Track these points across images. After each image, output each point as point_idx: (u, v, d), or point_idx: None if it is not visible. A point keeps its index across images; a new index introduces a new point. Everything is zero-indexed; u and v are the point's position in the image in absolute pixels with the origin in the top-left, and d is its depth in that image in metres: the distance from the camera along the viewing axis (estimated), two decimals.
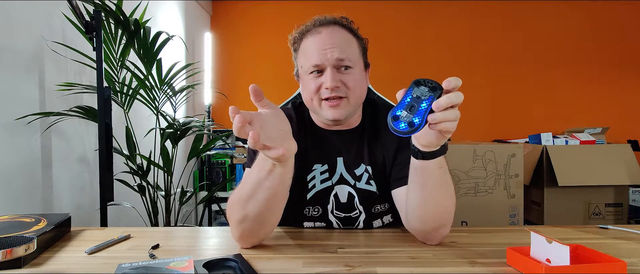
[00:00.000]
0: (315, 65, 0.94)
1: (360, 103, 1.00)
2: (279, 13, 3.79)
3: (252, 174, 0.80)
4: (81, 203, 1.77)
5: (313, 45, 0.95)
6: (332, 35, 0.95)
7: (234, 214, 0.83)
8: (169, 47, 1.91)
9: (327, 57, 0.92)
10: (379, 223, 1.03)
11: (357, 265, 0.75)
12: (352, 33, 0.99)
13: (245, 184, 0.82)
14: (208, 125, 2.15)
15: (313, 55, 0.94)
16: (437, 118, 0.65)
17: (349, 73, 0.94)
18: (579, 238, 0.93)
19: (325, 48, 0.93)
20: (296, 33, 1.01)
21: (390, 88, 1.05)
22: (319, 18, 0.99)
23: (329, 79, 0.92)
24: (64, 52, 1.63)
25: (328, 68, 0.93)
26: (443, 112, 0.65)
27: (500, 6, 3.79)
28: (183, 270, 0.68)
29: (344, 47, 0.94)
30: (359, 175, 1.01)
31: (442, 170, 0.77)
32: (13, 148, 1.40)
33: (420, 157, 0.75)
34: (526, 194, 2.25)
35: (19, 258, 0.74)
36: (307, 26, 0.99)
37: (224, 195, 3.11)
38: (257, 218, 0.81)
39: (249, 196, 0.80)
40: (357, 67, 0.96)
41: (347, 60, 0.93)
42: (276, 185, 0.77)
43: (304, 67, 0.97)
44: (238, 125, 0.63)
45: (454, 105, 0.65)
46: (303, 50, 0.98)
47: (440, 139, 0.71)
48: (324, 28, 0.96)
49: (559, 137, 2.51)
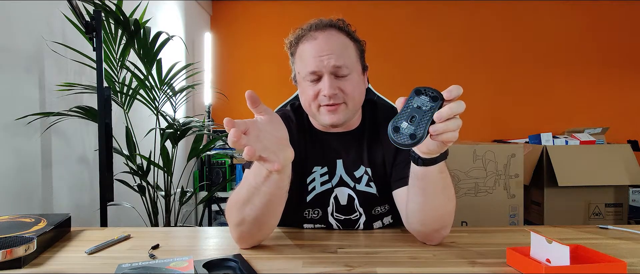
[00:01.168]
0: (312, 72, 0.92)
1: (359, 107, 1.00)
2: (279, 13, 3.79)
3: (249, 178, 0.79)
4: (81, 203, 1.77)
5: (309, 51, 0.93)
6: (329, 41, 0.93)
7: (232, 216, 0.83)
8: (169, 47, 1.91)
9: (324, 63, 0.91)
10: (379, 224, 1.03)
11: (357, 265, 0.75)
12: (349, 36, 0.97)
13: (242, 188, 0.81)
14: (208, 125, 2.15)
15: (309, 61, 0.92)
16: (439, 129, 0.64)
17: (347, 79, 0.93)
18: (579, 238, 0.93)
19: (321, 55, 0.91)
20: (292, 37, 0.99)
21: (390, 88, 1.05)
22: (314, 22, 0.97)
23: (327, 87, 0.91)
24: (64, 52, 1.63)
25: (325, 75, 0.91)
26: (445, 122, 0.64)
27: (500, 6, 3.79)
28: (183, 270, 0.68)
29: (340, 53, 0.92)
30: (358, 177, 1.01)
31: (442, 174, 0.76)
32: (13, 148, 1.40)
33: (420, 164, 0.74)
34: (526, 194, 2.25)
35: (19, 258, 0.74)
36: (303, 30, 0.97)
37: (224, 195, 3.11)
38: (255, 222, 0.81)
39: (246, 200, 0.79)
40: (355, 71, 0.95)
41: (344, 67, 0.92)
42: (273, 190, 0.76)
43: (301, 73, 0.95)
44: (233, 139, 0.61)
45: (455, 115, 0.64)
46: (299, 55, 0.97)
47: (441, 148, 0.70)
48: (320, 33, 0.94)
49: (559, 137, 2.51)
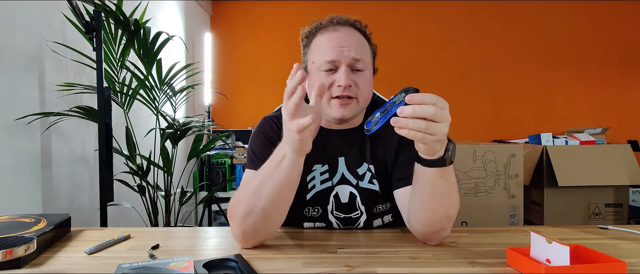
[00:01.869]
0: (331, 60, 0.93)
1: (366, 105, 1.01)
2: (279, 13, 3.79)
3: (262, 168, 0.82)
4: (81, 203, 1.77)
5: (329, 42, 0.95)
6: (349, 35, 0.96)
7: (238, 210, 0.83)
8: (169, 47, 1.91)
9: (344, 54, 0.93)
10: (379, 222, 1.03)
11: (357, 265, 0.75)
12: (366, 37, 1.00)
13: (253, 180, 0.83)
14: (208, 125, 2.15)
15: (329, 51, 0.94)
16: (398, 122, 0.69)
17: (362, 75, 0.95)
18: (579, 238, 0.93)
19: (342, 46, 0.93)
20: (309, 28, 1.01)
21: (390, 88, 1.05)
22: (335, 17, 0.99)
23: (344, 77, 0.92)
24: (64, 52, 1.63)
25: (343, 66, 0.93)
26: (406, 119, 0.68)
27: (500, 6, 3.79)
28: (183, 270, 0.68)
29: (359, 48, 0.95)
30: (361, 174, 1.01)
31: (443, 179, 0.77)
32: (13, 148, 1.40)
33: (417, 161, 0.77)
34: (526, 194, 2.25)
35: (18, 258, 0.74)
36: (323, 23, 0.99)
37: (224, 195, 3.11)
38: (262, 214, 0.81)
39: (256, 189, 0.80)
40: (368, 70, 0.98)
41: (362, 62, 0.95)
42: (283, 179, 0.78)
43: (317, 63, 0.96)
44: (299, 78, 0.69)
45: (424, 117, 0.67)
46: (316, 45, 0.98)
47: (421, 147, 0.73)
48: (342, 27, 0.97)
49: (559, 137, 2.51)
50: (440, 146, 0.73)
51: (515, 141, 2.69)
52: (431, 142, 0.70)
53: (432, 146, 0.72)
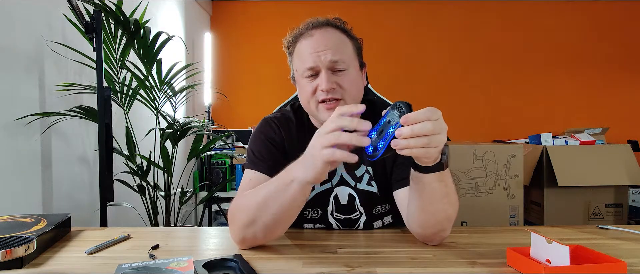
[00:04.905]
0: (310, 67, 0.93)
1: (357, 102, 1.00)
2: (279, 13, 3.79)
3: (269, 183, 0.81)
4: (81, 203, 1.77)
5: (307, 48, 0.95)
6: (325, 37, 0.95)
7: (240, 217, 0.83)
8: (169, 47, 1.91)
9: (321, 59, 0.92)
10: (379, 223, 1.03)
11: (357, 265, 0.75)
12: (346, 33, 0.99)
13: (258, 191, 0.82)
14: (208, 125, 2.15)
15: (307, 58, 0.94)
16: (400, 144, 0.67)
17: (344, 75, 0.94)
18: (578, 238, 0.93)
19: (318, 51, 0.93)
20: (290, 37, 1.01)
21: (390, 88, 1.05)
22: (311, 20, 0.98)
23: (324, 81, 0.92)
24: (64, 52, 1.63)
25: (322, 70, 0.92)
26: (407, 140, 0.66)
27: (500, 6, 3.79)
28: (183, 270, 0.68)
29: (337, 49, 0.94)
30: (359, 176, 1.01)
31: (441, 183, 0.77)
32: (13, 148, 1.40)
33: (414, 168, 0.76)
34: (526, 194, 2.25)
35: (18, 258, 0.74)
36: (300, 29, 0.98)
37: (224, 195, 3.11)
38: (264, 227, 0.81)
39: (262, 203, 0.80)
40: (352, 67, 0.96)
41: (341, 62, 0.93)
42: (289, 201, 0.78)
43: (299, 71, 0.97)
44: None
45: (423, 135, 0.66)
46: (297, 53, 0.98)
47: (424, 160, 0.72)
48: (317, 30, 0.96)
49: (559, 137, 2.51)
50: (439, 153, 0.73)
51: (515, 141, 2.69)
52: (434, 154, 0.70)
53: (433, 155, 0.71)
